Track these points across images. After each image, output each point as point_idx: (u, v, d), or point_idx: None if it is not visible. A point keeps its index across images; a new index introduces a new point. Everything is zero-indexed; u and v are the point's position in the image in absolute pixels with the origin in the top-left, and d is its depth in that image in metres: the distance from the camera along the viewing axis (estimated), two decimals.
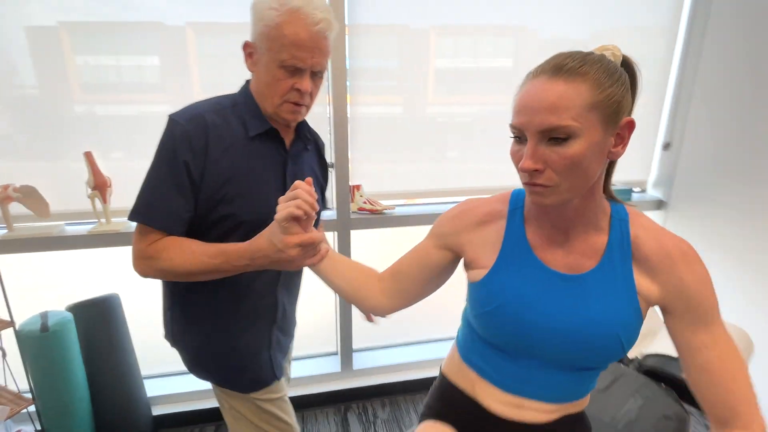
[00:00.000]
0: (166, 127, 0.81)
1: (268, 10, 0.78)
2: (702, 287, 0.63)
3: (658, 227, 0.67)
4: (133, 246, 0.82)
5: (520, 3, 1.67)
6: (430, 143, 1.76)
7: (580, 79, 0.57)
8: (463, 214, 0.76)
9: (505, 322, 0.69)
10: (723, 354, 0.63)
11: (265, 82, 0.83)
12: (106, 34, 1.43)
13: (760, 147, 1.57)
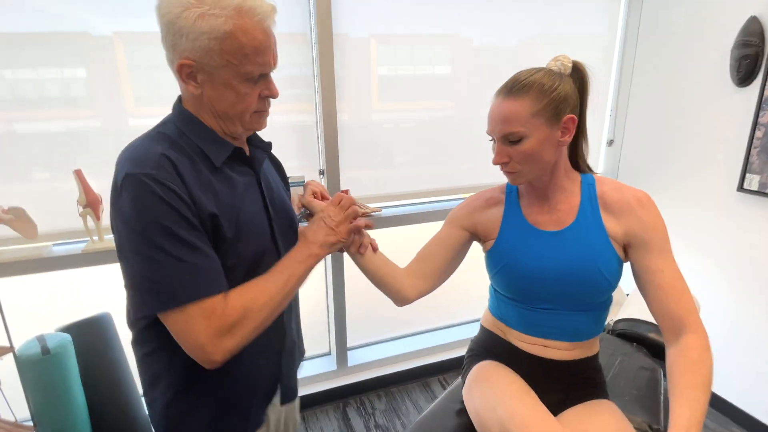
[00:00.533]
0: (131, 189, 0.63)
1: (203, 18, 0.63)
2: (655, 223, 0.85)
3: (621, 184, 0.90)
4: (197, 337, 0.64)
5: (453, 12, 1.76)
6: (379, 147, 1.78)
7: (524, 96, 0.81)
8: (472, 200, 1.01)
9: (513, 276, 0.91)
10: (674, 277, 0.83)
11: (229, 102, 0.70)
12: (27, 46, 1.34)
13: (688, 141, 1.86)
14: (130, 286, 0.66)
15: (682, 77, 1.86)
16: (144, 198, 0.62)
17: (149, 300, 0.64)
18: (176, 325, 0.64)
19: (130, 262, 0.64)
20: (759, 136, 1.58)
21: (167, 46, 0.67)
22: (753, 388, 1.72)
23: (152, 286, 0.63)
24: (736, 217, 1.70)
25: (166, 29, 0.65)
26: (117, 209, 0.65)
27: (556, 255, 0.88)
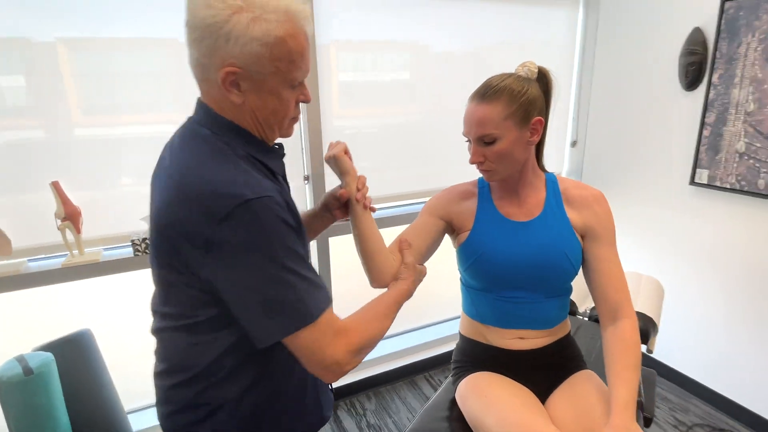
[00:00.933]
0: (255, 214, 0.61)
1: (257, 22, 0.60)
2: (608, 219, 0.98)
3: (579, 182, 1.01)
4: (326, 352, 0.65)
5: (412, 20, 1.80)
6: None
7: (496, 101, 0.88)
8: (448, 192, 1.07)
9: (488, 264, 0.97)
10: (616, 266, 0.96)
11: (272, 109, 0.68)
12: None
13: (644, 140, 2.02)
14: (261, 313, 0.63)
15: (637, 82, 2.02)
16: (271, 221, 0.61)
17: (286, 322, 0.63)
18: (313, 341, 0.64)
19: (257, 288, 0.61)
20: (706, 134, 1.76)
21: (203, 51, 0.62)
22: (712, 364, 1.89)
23: (286, 308, 0.62)
24: (689, 209, 1.88)
25: (207, 32, 0.61)
26: (230, 237, 0.59)
27: (527, 242, 0.96)
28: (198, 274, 0.63)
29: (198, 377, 0.71)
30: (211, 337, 0.69)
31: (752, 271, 1.70)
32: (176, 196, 0.63)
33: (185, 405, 0.73)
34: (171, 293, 0.70)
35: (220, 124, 0.68)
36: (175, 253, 0.64)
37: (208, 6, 0.60)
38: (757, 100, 1.59)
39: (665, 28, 1.88)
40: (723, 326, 1.82)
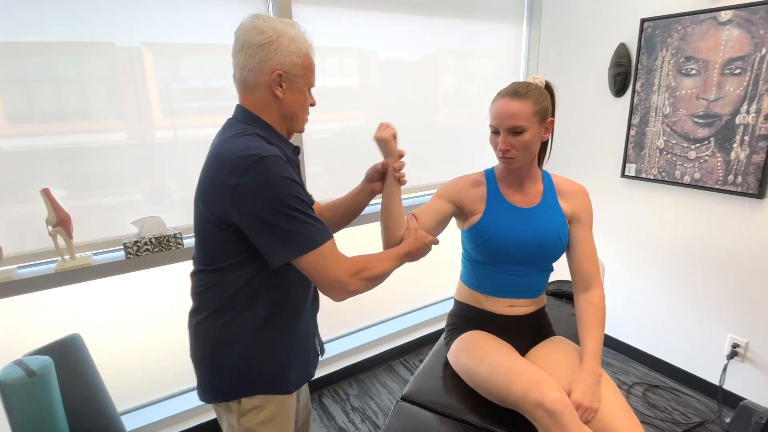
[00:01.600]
0: (267, 167, 0.80)
1: (293, 43, 0.89)
2: (588, 208, 1.21)
3: (567, 178, 1.23)
4: (326, 273, 0.85)
5: (359, 27, 1.90)
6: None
7: (526, 99, 1.06)
8: (460, 180, 1.24)
9: (496, 243, 1.15)
10: (591, 247, 1.19)
11: (300, 104, 0.94)
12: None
13: (583, 140, 2.32)
14: (275, 240, 0.82)
15: (575, 90, 2.32)
16: (280, 172, 0.81)
17: (298, 246, 0.83)
18: (317, 264, 0.84)
19: (274, 221, 0.81)
20: (633, 134, 2.06)
21: (255, 62, 0.88)
22: (646, 331, 2.20)
23: (297, 237, 0.82)
24: (622, 197, 2.18)
25: (260, 49, 0.87)
26: (254, 182, 0.80)
27: (529, 226, 1.15)
28: (228, 219, 0.83)
29: (223, 309, 0.91)
30: (232, 276, 0.89)
31: (674, 248, 2.02)
32: (212, 164, 0.86)
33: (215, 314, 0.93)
34: (204, 243, 0.91)
35: (252, 119, 0.92)
36: (214, 206, 0.85)
37: (260, 32, 0.88)
38: (672, 105, 1.91)
39: (596, 43, 2.17)
40: (653, 297, 2.13)
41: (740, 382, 1.87)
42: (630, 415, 0.99)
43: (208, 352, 0.93)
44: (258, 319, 0.91)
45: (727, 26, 1.70)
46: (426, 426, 1.05)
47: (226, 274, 0.89)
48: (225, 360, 0.92)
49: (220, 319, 0.91)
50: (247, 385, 0.94)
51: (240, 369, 0.92)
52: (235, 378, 0.93)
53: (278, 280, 0.93)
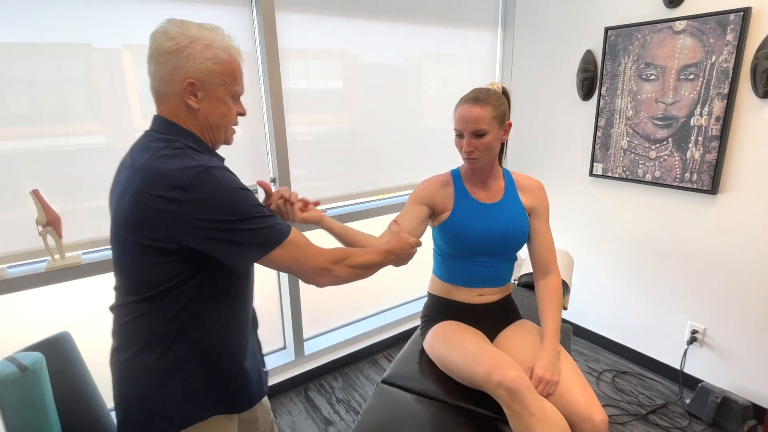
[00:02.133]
0: (215, 177, 0.78)
1: (208, 48, 0.83)
2: (545, 201, 1.32)
3: (525, 175, 1.33)
4: (306, 262, 0.85)
5: (341, 33, 1.97)
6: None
7: (486, 105, 1.16)
8: (430, 183, 1.32)
9: (465, 237, 1.25)
10: (549, 237, 1.31)
11: (221, 114, 0.88)
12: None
13: (554, 141, 2.44)
14: (239, 247, 0.80)
15: (546, 93, 2.44)
16: (230, 180, 0.80)
17: (264, 245, 0.81)
18: (293, 255, 0.84)
19: (233, 230, 0.78)
20: (599, 135, 2.20)
21: (166, 71, 0.82)
22: (615, 321, 2.33)
23: (260, 238, 0.81)
24: (590, 195, 2.31)
25: (170, 56, 0.81)
26: (202, 195, 0.76)
27: (494, 219, 1.26)
28: (169, 240, 0.78)
29: (160, 338, 0.85)
30: (169, 300, 0.84)
31: (638, 242, 2.15)
32: (144, 180, 0.78)
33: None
34: (134, 272, 0.83)
35: (176, 130, 0.85)
36: (147, 230, 0.78)
37: (170, 39, 0.82)
38: (634, 108, 2.04)
39: (565, 50, 2.30)
40: (620, 288, 2.26)
41: (699, 365, 2.01)
42: (585, 387, 1.09)
43: (144, 387, 0.86)
44: (202, 341, 0.87)
45: (681, 35, 1.84)
46: (404, 404, 1.13)
47: (162, 299, 0.83)
48: (167, 392, 0.86)
49: (157, 350, 0.85)
50: (194, 413, 0.89)
51: (187, 397, 0.87)
52: (181, 407, 0.87)
53: (219, 297, 0.88)
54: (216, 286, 0.87)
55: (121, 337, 0.88)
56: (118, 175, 0.88)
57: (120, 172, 0.88)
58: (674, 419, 1.89)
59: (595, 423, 1.06)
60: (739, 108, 1.73)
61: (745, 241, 1.79)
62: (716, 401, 1.80)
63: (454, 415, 1.10)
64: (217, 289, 0.87)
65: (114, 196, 0.87)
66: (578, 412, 1.07)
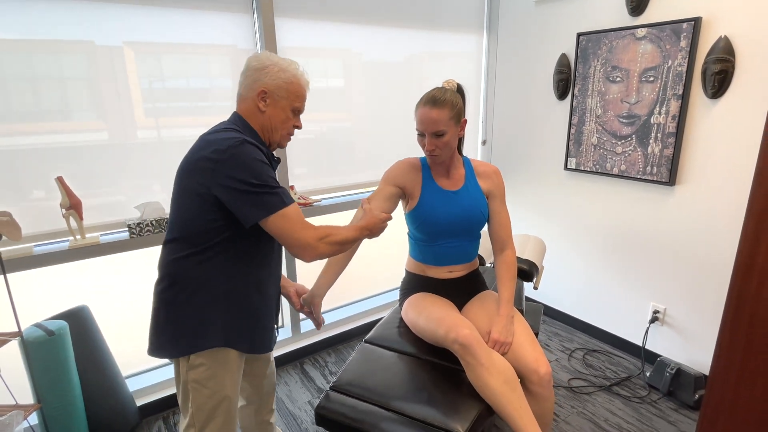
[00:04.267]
0: (245, 147, 1.01)
1: (285, 71, 1.11)
2: (501, 184, 1.49)
3: (483, 161, 1.48)
4: (292, 235, 1.02)
5: (339, 37, 2.14)
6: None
7: (443, 107, 1.29)
8: (401, 165, 1.47)
9: (432, 224, 1.41)
10: (505, 217, 1.47)
11: (281, 119, 1.14)
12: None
13: (533, 138, 2.63)
14: (248, 204, 1.00)
15: (526, 93, 2.63)
16: (256, 153, 1.02)
17: (266, 208, 1.00)
18: (284, 227, 1.02)
19: (247, 188, 0.99)
20: (573, 132, 2.38)
21: (248, 82, 1.12)
22: (588, 303, 2.52)
23: (265, 201, 1.00)
24: (564, 187, 2.50)
25: (254, 71, 1.11)
26: (232, 158, 0.99)
27: (457, 205, 1.42)
28: (207, 190, 1.01)
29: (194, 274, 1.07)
30: (207, 242, 1.06)
31: (606, 229, 2.34)
32: (198, 147, 1.05)
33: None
34: (180, 212, 1.07)
35: (243, 125, 1.13)
36: (194, 179, 1.02)
37: (257, 59, 1.12)
38: (602, 107, 2.23)
39: (543, 52, 2.49)
40: (591, 273, 2.45)
41: (659, 342, 2.21)
42: (534, 345, 1.28)
43: (174, 313, 1.08)
44: (226, 288, 1.08)
45: (642, 41, 2.02)
46: (381, 358, 1.33)
47: (198, 243, 1.05)
48: (191, 319, 1.08)
49: (189, 286, 1.06)
50: (210, 339, 1.09)
51: (206, 325, 1.08)
52: (199, 332, 1.08)
53: (244, 257, 1.09)
54: (241, 247, 1.08)
55: (162, 271, 1.10)
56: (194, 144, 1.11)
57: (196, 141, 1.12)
58: (635, 390, 2.08)
59: (540, 374, 1.25)
60: (692, 107, 1.92)
61: (699, 227, 1.98)
62: (671, 373, 2.00)
63: (422, 366, 1.30)
64: (242, 250, 1.08)
65: (185, 157, 1.10)
66: (527, 365, 1.26)
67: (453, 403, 1.16)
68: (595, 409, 1.95)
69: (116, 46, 1.65)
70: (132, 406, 1.85)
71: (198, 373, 1.11)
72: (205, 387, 1.12)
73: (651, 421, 1.87)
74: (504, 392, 1.16)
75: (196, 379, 1.11)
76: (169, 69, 1.77)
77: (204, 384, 1.12)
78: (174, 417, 1.93)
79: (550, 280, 2.68)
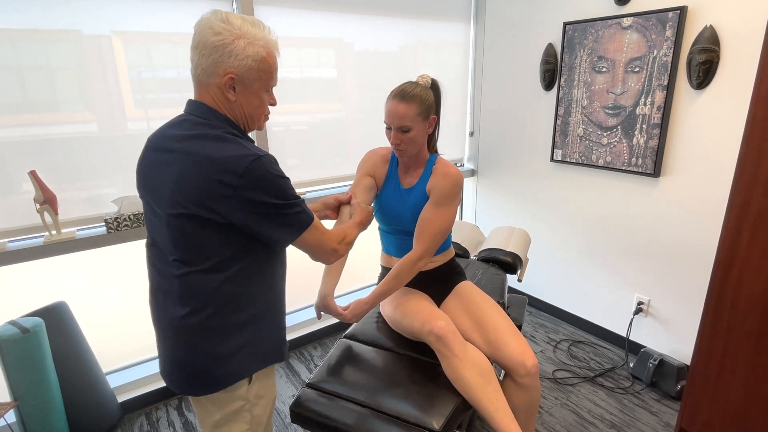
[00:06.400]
0: (266, 164, 0.87)
1: (251, 45, 0.89)
2: (445, 186, 1.32)
3: (448, 164, 1.38)
4: (323, 244, 1.00)
5: (336, 19, 2.12)
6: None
7: (412, 102, 1.26)
8: (373, 155, 1.46)
9: (386, 216, 1.41)
10: (429, 215, 1.33)
11: (256, 106, 0.96)
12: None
13: (519, 129, 2.61)
14: (280, 227, 0.91)
15: (513, 83, 2.60)
16: (276, 170, 0.89)
17: (298, 227, 0.94)
18: (315, 238, 0.97)
19: (274, 212, 0.89)
20: (559, 123, 2.36)
21: (209, 63, 0.89)
22: (573, 295, 2.52)
23: (296, 220, 0.93)
24: (550, 179, 2.49)
25: (214, 51, 0.88)
26: (253, 181, 0.85)
27: (403, 204, 1.39)
28: (225, 217, 0.87)
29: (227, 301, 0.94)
30: (233, 267, 0.93)
31: (591, 221, 2.34)
32: (200, 166, 0.85)
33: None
34: (194, 244, 0.91)
35: (216, 116, 0.93)
36: (203, 209, 0.86)
37: (215, 33, 0.88)
38: (588, 98, 2.21)
39: (530, 42, 2.46)
40: (577, 264, 2.45)
41: (643, 333, 2.22)
42: (519, 337, 1.28)
43: (211, 345, 0.94)
44: (257, 304, 0.98)
45: (628, 31, 2.00)
46: (360, 353, 1.32)
47: (224, 268, 0.91)
48: (234, 347, 0.95)
49: (224, 312, 0.93)
50: (256, 363, 0.99)
51: (250, 348, 0.98)
52: (246, 359, 0.97)
53: (271, 263, 1.00)
54: (263, 258, 0.97)
55: (192, 303, 0.92)
56: (158, 157, 0.93)
57: (158, 154, 0.93)
58: (619, 381, 2.09)
59: (527, 367, 1.24)
60: (677, 98, 1.90)
61: (683, 219, 1.98)
62: (654, 364, 2.01)
63: (400, 360, 1.29)
64: (263, 261, 0.98)
65: (161, 179, 0.90)
66: (513, 358, 1.25)
67: (429, 399, 1.15)
68: (579, 400, 1.96)
69: (104, 35, 1.62)
70: (113, 403, 1.83)
71: (256, 389, 1.03)
72: (262, 398, 1.06)
73: (634, 412, 1.88)
74: (479, 384, 1.16)
75: (256, 394, 1.04)
76: (159, 59, 1.74)
77: (260, 395, 1.05)
78: (156, 413, 1.91)
79: (536, 271, 2.68)
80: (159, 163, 0.92)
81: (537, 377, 1.26)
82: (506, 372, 1.30)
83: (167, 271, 0.94)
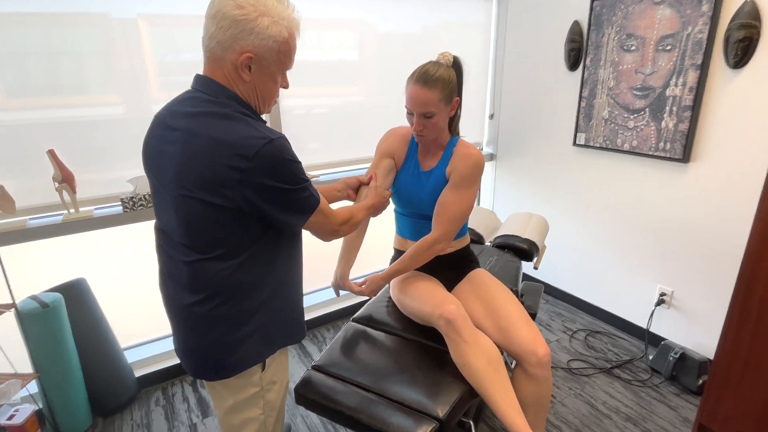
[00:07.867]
0: (280, 146, 0.83)
1: (274, 25, 0.83)
2: (465, 169, 1.27)
3: (469, 146, 1.33)
4: (325, 226, 0.98)
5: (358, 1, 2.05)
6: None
7: (434, 86, 1.20)
8: (392, 135, 1.42)
9: (403, 199, 1.38)
10: (448, 200, 1.29)
11: (269, 88, 0.91)
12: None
13: (542, 112, 2.51)
14: (291, 211, 0.89)
15: (536, 63, 2.49)
16: (289, 153, 0.85)
17: (308, 210, 0.91)
18: (320, 220, 0.95)
19: (284, 197, 0.86)
20: (583, 106, 2.26)
21: (227, 37, 0.82)
22: (591, 284, 2.45)
23: (306, 203, 0.91)
24: (573, 164, 2.39)
25: (234, 25, 0.81)
26: (263, 165, 0.81)
27: (421, 187, 1.35)
28: (231, 201, 0.83)
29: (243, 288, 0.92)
30: (249, 253, 0.90)
31: (615, 208, 2.25)
32: (207, 148, 0.81)
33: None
34: (203, 230, 0.87)
35: (226, 94, 0.87)
36: (208, 193, 0.82)
37: (238, 6, 0.81)
38: (615, 78, 2.10)
39: (554, 20, 2.34)
40: (597, 253, 2.37)
41: (664, 325, 2.14)
42: (531, 325, 1.24)
43: (225, 331, 0.92)
44: (272, 288, 0.95)
45: (660, 6, 1.87)
46: (367, 337, 1.30)
47: (236, 254, 0.88)
48: (247, 332, 0.93)
49: (237, 298, 0.91)
50: (268, 347, 0.98)
51: (262, 334, 0.95)
52: (258, 343, 0.95)
53: (291, 243, 0.98)
54: (274, 244, 0.94)
55: (202, 291, 0.90)
56: (165, 135, 0.89)
57: (165, 131, 0.89)
58: (637, 373, 2.03)
59: (539, 356, 1.21)
60: (712, 78, 1.79)
61: (713, 208, 1.88)
62: (675, 357, 1.94)
63: (407, 346, 1.27)
64: (274, 246, 0.94)
65: (166, 158, 0.87)
66: (525, 346, 1.22)
67: (435, 385, 1.13)
68: (594, 391, 1.91)
69: (130, 18, 1.64)
70: (131, 377, 1.89)
71: (269, 375, 1.03)
72: (275, 383, 1.05)
73: (651, 405, 1.83)
74: (486, 372, 1.13)
75: (270, 380, 1.03)
76: (183, 41, 1.74)
77: (274, 381, 1.04)
78: (172, 388, 1.97)
79: (555, 259, 2.61)
80: (165, 142, 0.88)
81: (549, 368, 1.22)
82: (517, 361, 1.27)
83: (176, 255, 0.92)
